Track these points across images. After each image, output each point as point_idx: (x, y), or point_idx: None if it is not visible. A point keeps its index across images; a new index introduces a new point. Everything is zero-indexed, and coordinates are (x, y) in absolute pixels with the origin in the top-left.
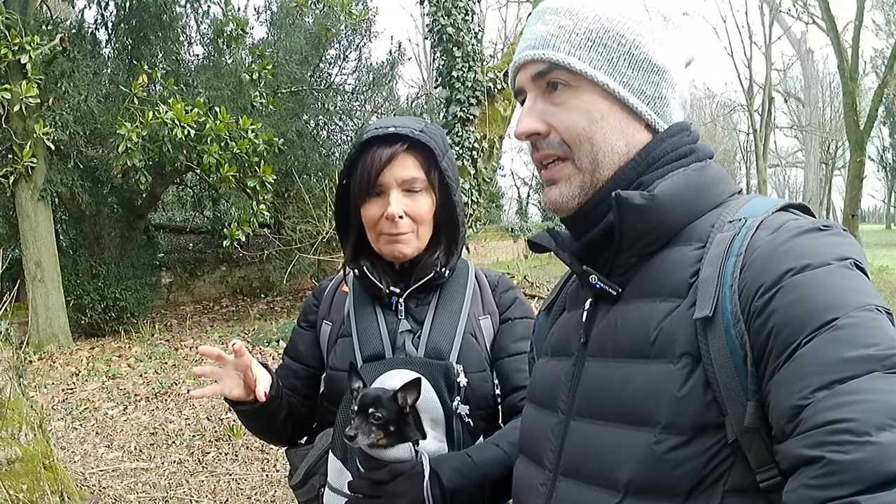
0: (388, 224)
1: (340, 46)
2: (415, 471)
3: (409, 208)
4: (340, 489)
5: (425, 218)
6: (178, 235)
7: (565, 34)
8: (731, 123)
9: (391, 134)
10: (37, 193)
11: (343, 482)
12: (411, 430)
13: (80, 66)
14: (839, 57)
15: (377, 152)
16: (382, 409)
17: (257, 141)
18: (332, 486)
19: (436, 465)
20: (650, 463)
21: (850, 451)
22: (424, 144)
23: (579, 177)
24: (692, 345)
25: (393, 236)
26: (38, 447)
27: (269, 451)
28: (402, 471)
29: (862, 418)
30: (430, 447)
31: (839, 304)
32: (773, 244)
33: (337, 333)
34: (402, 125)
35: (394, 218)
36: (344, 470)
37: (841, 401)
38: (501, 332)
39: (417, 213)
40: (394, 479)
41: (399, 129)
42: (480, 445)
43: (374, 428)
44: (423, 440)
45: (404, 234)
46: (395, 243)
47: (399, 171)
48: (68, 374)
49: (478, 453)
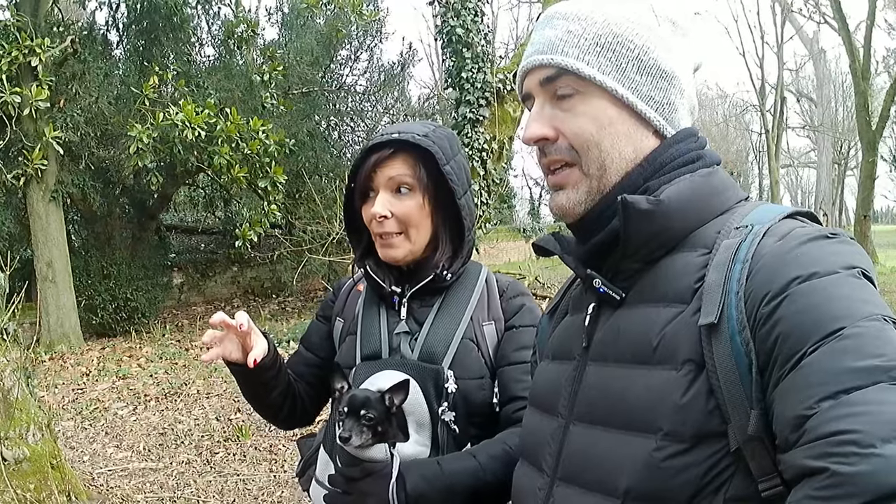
0: (377, 224)
1: (351, 47)
2: (384, 472)
3: (396, 209)
4: (324, 481)
5: (413, 220)
6: (189, 236)
7: (574, 39)
8: (743, 124)
9: (389, 140)
10: (48, 194)
11: (327, 475)
12: (393, 432)
13: (91, 67)
14: (851, 56)
15: (372, 156)
16: (372, 409)
17: (268, 142)
18: (318, 479)
19: (404, 469)
20: (650, 470)
21: (855, 463)
22: (424, 148)
23: (586, 182)
24: (696, 352)
25: (383, 238)
26: (46, 447)
27: (276, 452)
28: (373, 470)
29: (867, 430)
30: (410, 450)
31: (846, 314)
32: (780, 251)
33: (346, 331)
34: (406, 130)
35: (377, 217)
36: (330, 463)
37: (846, 411)
38: (505, 340)
39: (404, 213)
40: (364, 477)
41: (401, 135)
42: (455, 455)
43: (366, 429)
44: (405, 442)
45: (393, 237)
46: (385, 246)
47: (387, 172)
48: (79, 375)
49: (448, 463)
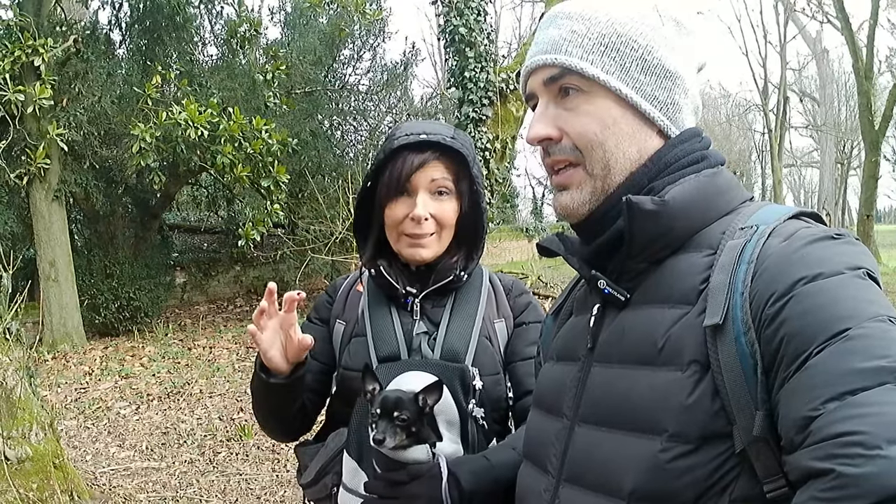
0: (412, 225)
1: (354, 47)
2: (433, 473)
3: (436, 211)
4: (356, 489)
5: (449, 222)
6: (192, 235)
7: (578, 39)
8: (746, 123)
9: (422, 141)
10: (51, 194)
11: (358, 482)
12: (427, 433)
13: (94, 67)
14: (854, 56)
15: (409, 157)
16: (406, 410)
17: (271, 141)
18: (347, 486)
19: (453, 467)
20: (655, 471)
21: (861, 465)
22: (456, 151)
23: (590, 183)
24: (701, 352)
25: (415, 238)
26: (49, 446)
27: (279, 452)
28: (420, 472)
29: (873, 431)
30: (446, 449)
31: (851, 315)
32: (785, 252)
33: (351, 333)
34: (434, 132)
35: (419, 220)
36: (359, 470)
37: (852, 413)
38: (515, 336)
39: (442, 216)
40: (412, 480)
41: (430, 136)
42: (496, 448)
43: (399, 430)
44: (439, 442)
45: (426, 237)
46: (415, 246)
47: (430, 174)
48: (81, 374)
49: (494, 456)
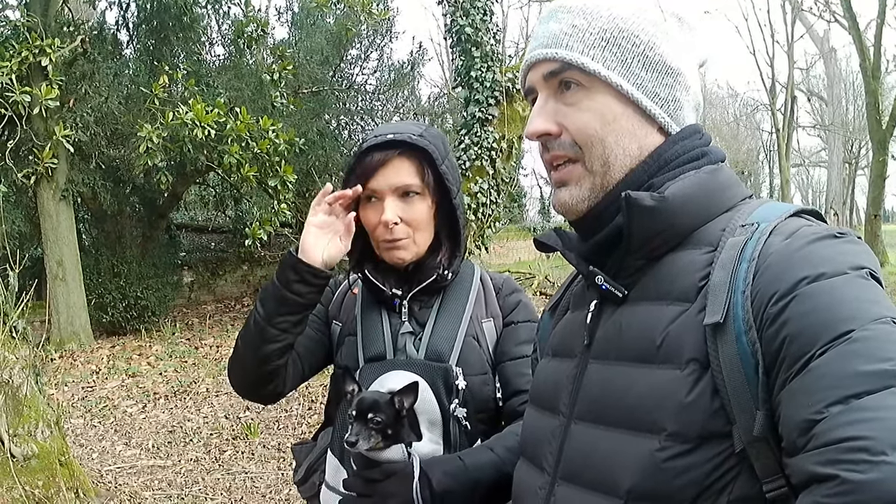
0: (384, 231)
1: (361, 46)
2: (405, 472)
3: (405, 214)
4: (336, 487)
5: (422, 223)
6: (199, 234)
7: (579, 33)
8: (754, 123)
9: (388, 141)
10: (58, 193)
11: (339, 480)
12: (406, 432)
13: (101, 67)
14: (861, 55)
15: (371, 157)
16: (381, 413)
17: (278, 141)
18: (329, 484)
19: (426, 467)
20: (653, 470)
21: (865, 471)
22: (422, 149)
23: (590, 179)
24: (700, 351)
25: (390, 242)
26: (55, 444)
27: (285, 450)
28: (393, 471)
29: (878, 436)
30: (424, 449)
31: (855, 316)
32: (787, 250)
33: (345, 333)
34: (400, 131)
35: (388, 224)
36: (340, 468)
37: (856, 417)
38: (504, 336)
39: (413, 218)
40: (386, 478)
41: (396, 136)
42: (474, 449)
43: (374, 432)
44: (418, 442)
45: (401, 241)
46: (393, 249)
47: (393, 176)
48: (89, 372)
49: (470, 457)
